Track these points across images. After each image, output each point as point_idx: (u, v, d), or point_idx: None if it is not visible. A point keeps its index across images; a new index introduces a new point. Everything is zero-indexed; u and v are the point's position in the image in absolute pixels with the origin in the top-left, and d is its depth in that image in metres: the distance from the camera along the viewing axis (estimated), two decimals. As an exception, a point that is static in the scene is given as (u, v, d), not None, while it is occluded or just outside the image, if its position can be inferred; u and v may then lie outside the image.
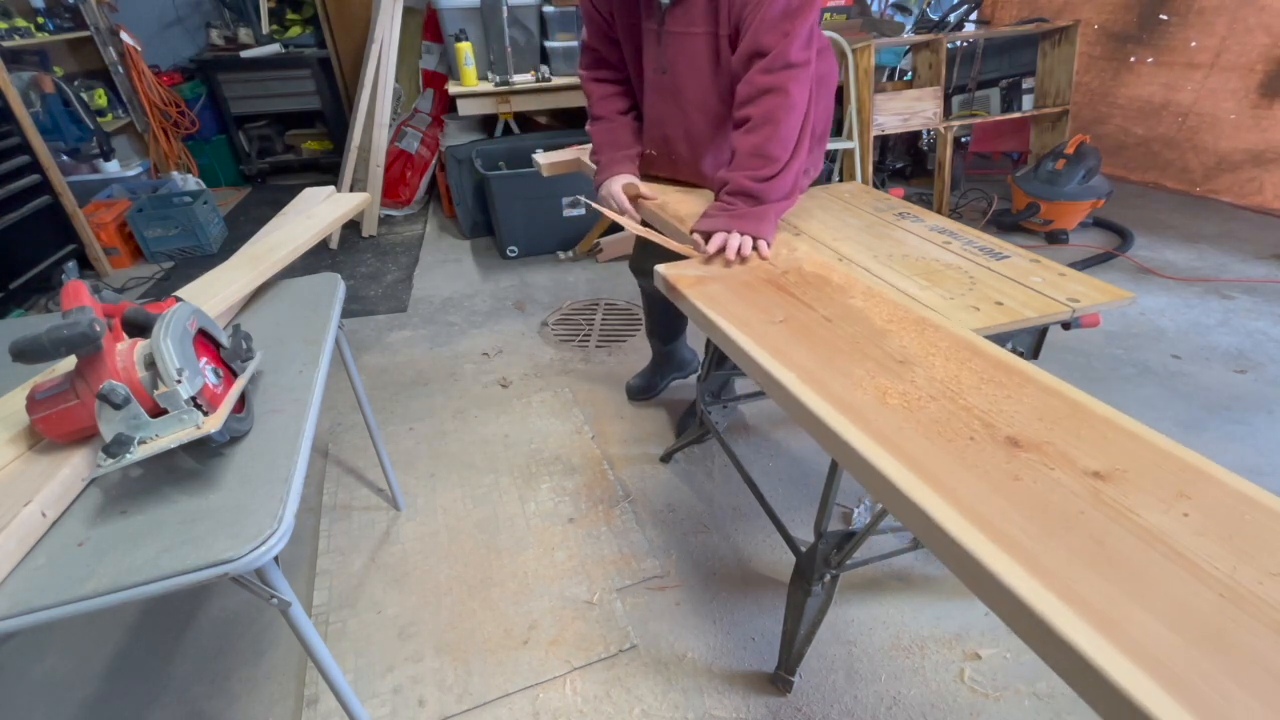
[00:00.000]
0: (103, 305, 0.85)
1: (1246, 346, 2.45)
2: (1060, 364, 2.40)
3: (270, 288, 1.37)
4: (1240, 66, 3.39)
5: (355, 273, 3.43)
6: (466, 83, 3.41)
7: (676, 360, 2.31)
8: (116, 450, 0.76)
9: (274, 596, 0.82)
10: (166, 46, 4.46)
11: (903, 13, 4.45)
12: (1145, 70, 3.79)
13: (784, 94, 1.29)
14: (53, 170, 3.22)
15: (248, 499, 0.81)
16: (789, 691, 1.38)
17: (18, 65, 3.50)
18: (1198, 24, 3.51)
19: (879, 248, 1.40)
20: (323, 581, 1.67)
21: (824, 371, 0.89)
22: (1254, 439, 2.01)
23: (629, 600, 1.60)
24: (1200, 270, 3.00)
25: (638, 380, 2.35)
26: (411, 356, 2.64)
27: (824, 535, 1.28)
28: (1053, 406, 0.80)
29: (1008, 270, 1.27)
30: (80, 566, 0.73)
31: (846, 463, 0.79)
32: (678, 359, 2.31)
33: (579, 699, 1.38)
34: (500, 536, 1.78)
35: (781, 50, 1.27)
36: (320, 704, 1.38)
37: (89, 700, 1.43)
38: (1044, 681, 1.37)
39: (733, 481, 1.94)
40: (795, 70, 1.29)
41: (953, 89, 4.02)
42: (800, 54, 1.29)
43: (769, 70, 1.29)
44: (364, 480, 2.01)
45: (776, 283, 1.16)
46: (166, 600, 1.63)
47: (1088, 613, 0.54)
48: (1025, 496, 0.67)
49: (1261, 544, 0.61)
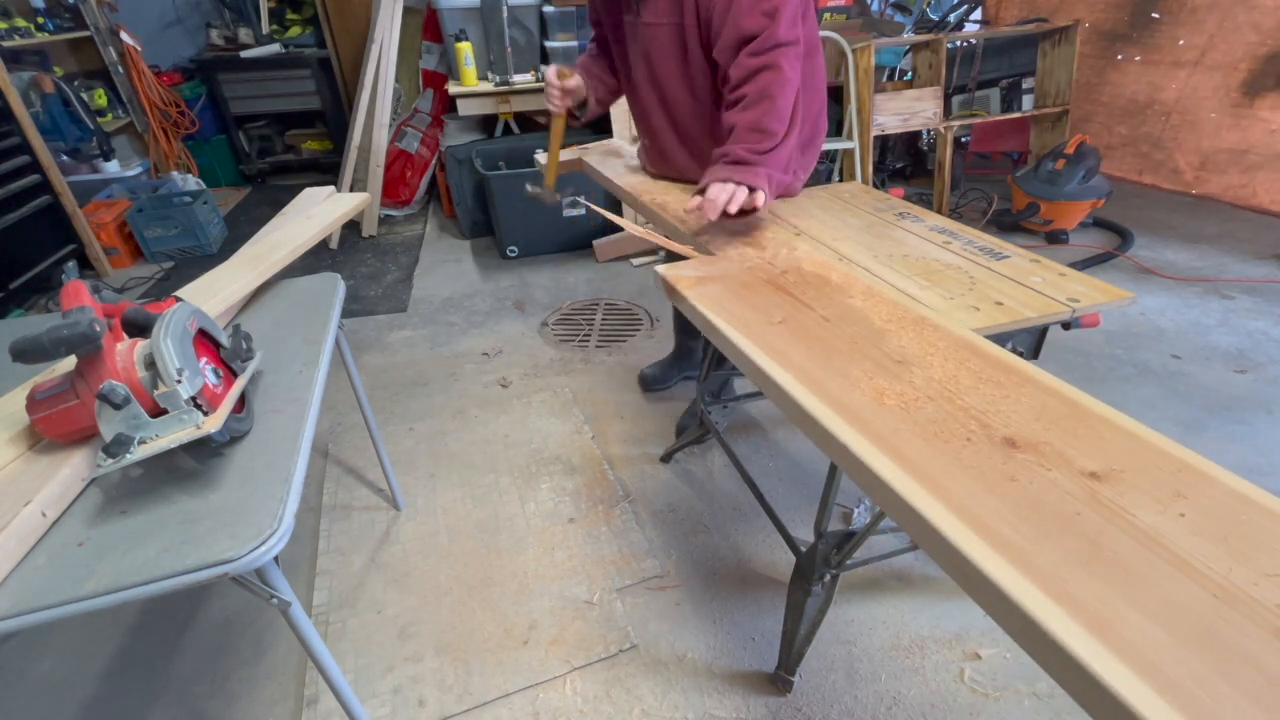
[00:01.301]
0: (103, 305, 0.85)
1: (1246, 346, 2.45)
2: (1060, 364, 2.40)
3: (270, 288, 1.37)
4: (1224, 65, 3.38)
5: (355, 273, 3.43)
6: (466, 83, 3.41)
7: (696, 358, 2.33)
8: (116, 450, 0.76)
9: (274, 596, 0.82)
10: (166, 46, 4.47)
11: (903, 13, 4.45)
12: (1132, 69, 3.78)
13: (777, 70, 1.30)
14: (53, 170, 3.22)
15: (248, 499, 0.82)
16: (789, 691, 1.38)
17: (18, 65, 3.50)
18: (1189, 22, 3.50)
19: (879, 248, 1.40)
20: (323, 581, 1.68)
21: (821, 372, 0.89)
22: (1254, 439, 2.01)
23: (629, 600, 1.60)
24: (1200, 270, 3.00)
25: (653, 370, 2.39)
26: (411, 356, 2.64)
27: (824, 535, 1.29)
28: (1050, 406, 0.80)
29: (1008, 270, 1.27)
30: (80, 566, 0.73)
31: (843, 464, 0.79)
32: (698, 356, 2.32)
33: (579, 699, 1.39)
34: (500, 536, 1.78)
35: (770, 32, 1.28)
36: (320, 704, 1.39)
37: (89, 700, 1.43)
38: (1044, 681, 1.38)
39: (733, 481, 1.94)
40: (786, 48, 1.30)
41: (953, 89, 4.02)
42: (789, 32, 1.30)
43: (759, 52, 1.30)
44: (364, 480, 2.02)
45: (776, 283, 1.16)
46: (166, 600, 1.63)
47: (1079, 613, 0.54)
48: (1021, 497, 0.67)
49: (1258, 545, 0.61)
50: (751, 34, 1.29)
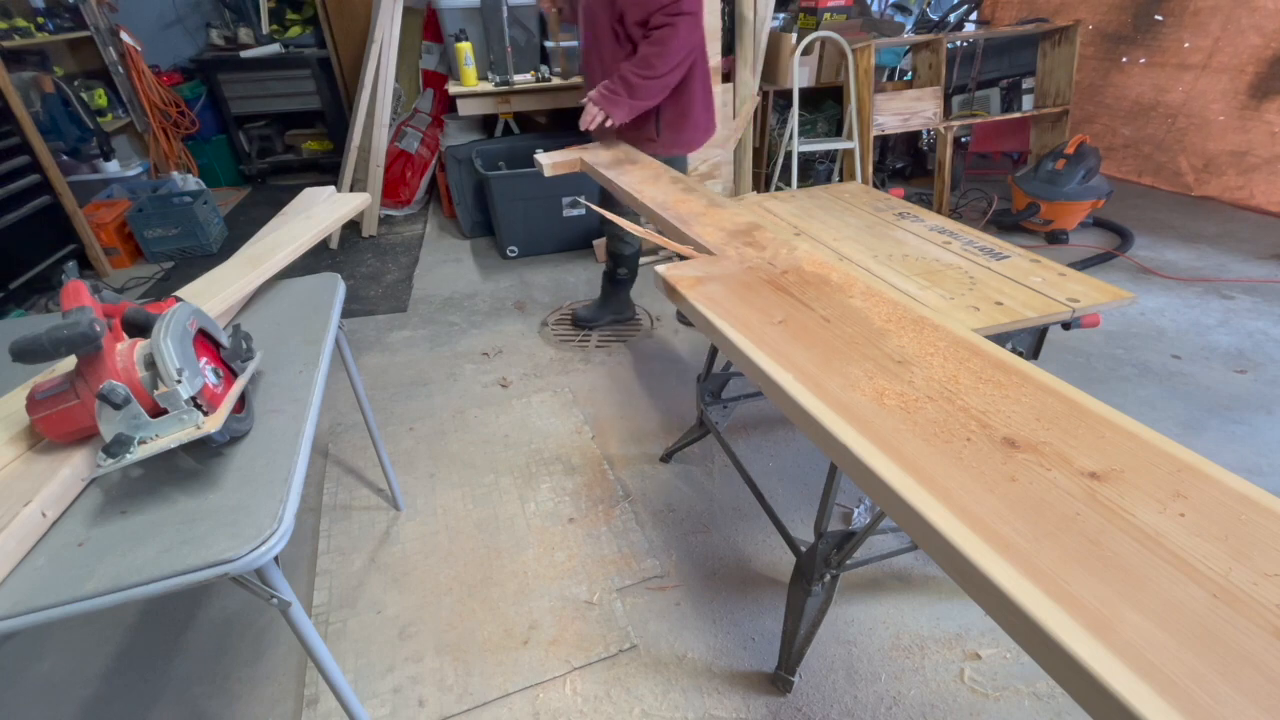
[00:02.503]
0: (103, 305, 0.85)
1: (1246, 346, 2.45)
2: (1060, 364, 2.40)
3: (270, 288, 1.37)
4: (1231, 67, 3.39)
5: (355, 273, 3.43)
6: (466, 83, 3.41)
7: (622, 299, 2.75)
8: (116, 450, 0.76)
9: (274, 596, 0.82)
10: (166, 46, 4.46)
11: (903, 13, 4.45)
12: (1136, 71, 3.79)
13: (674, 29, 1.87)
14: (53, 170, 3.22)
15: (248, 499, 0.82)
16: (789, 691, 1.38)
17: (18, 65, 3.50)
18: (1192, 25, 3.51)
19: (879, 248, 1.40)
20: (323, 581, 1.68)
21: (821, 372, 0.89)
22: (1254, 439, 2.01)
23: (629, 600, 1.60)
24: (1200, 270, 3.00)
25: (585, 311, 2.79)
26: (411, 356, 2.64)
27: (824, 535, 1.29)
28: (1050, 406, 0.80)
29: (1008, 270, 1.27)
30: (80, 566, 0.73)
31: (843, 464, 0.79)
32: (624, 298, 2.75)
33: (579, 699, 1.39)
34: (500, 536, 1.78)
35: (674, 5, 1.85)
36: (320, 704, 1.39)
37: (89, 700, 1.43)
38: (1044, 681, 1.38)
39: (733, 481, 1.94)
40: (685, 16, 1.86)
41: (953, 89, 4.03)
42: (691, 3, 1.86)
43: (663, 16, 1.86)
44: (364, 480, 2.02)
45: (776, 283, 1.16)
46: (166, 600, 1.63)
47: (1079, 613, 0.54)
48: (1021, 498, 0.67)
49: (1258, 545, 0.61)
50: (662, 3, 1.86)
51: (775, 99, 3.81)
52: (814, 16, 3.73)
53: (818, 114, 3.97)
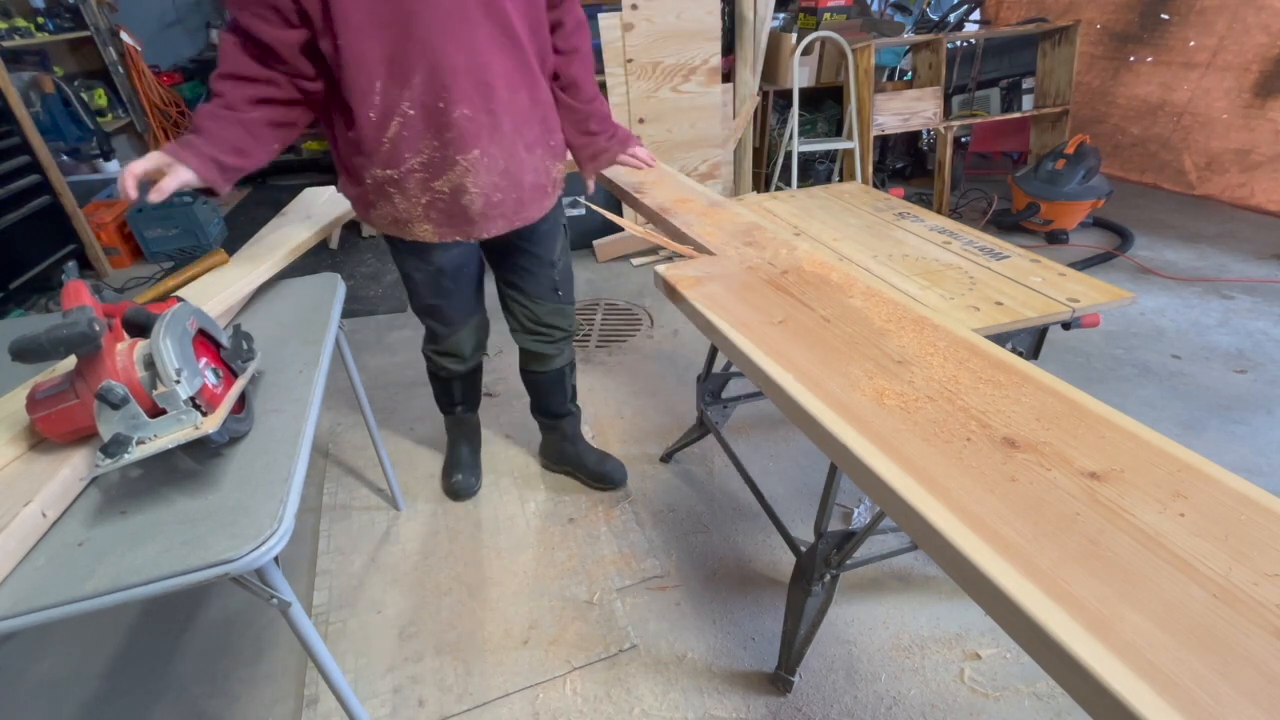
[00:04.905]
0: (103, 305, 0.85)
1: (1246, 346, 2.45)
2: (1060, 364, 2.40)
3: (270, 288, 1.37)
4: (1236, 66, 3.39)
5: (355, 273, 3.43)
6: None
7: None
8: (114, 450, 0.76)
9: (274, 596, 0.82)
10: (166, 46, 4.47)
11: (903, 13, 4.45)
12: (1144, 70, 3.79)
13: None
14: (53, 170, 3.22)
15: (247, 499, 0.82)
16: (789, 691, 1.38)
17: (18, 65, 3.51)
18: (1198, 23, 3.51)
19: (879, 248, 1.40)
20: (323, 581, 1.68)
21: (821, 372, 0.89)
22: (1254, 439, 2.01)
23: (629, 600, 1.60)
24: (1200, 270, 3.00)
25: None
26: (411, 356, 2.64)
27: (824, 535, 1.29)
28: (1050, 406, 0.80)
29: (1008, 270, 1.28)
30: (80, 566, 0.73)
31: (843, 464, 0.79)
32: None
33: (579, 699, 1.39)
34: (500, 536, 1.78)
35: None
36: (320, 704, 1.39)
37: (89, 700, 1.43)
38: (1044, 681, 1.38)
39: (733, 481, 1.94)
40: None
41: (953, 89, 4.03)
42: None
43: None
44: (364, 480, 2.02)
45: (776, 283, 1.16)
46: (166, 600, 1.63)
47: (1079, 614, 0.54)
48: (1021, 498, 0.67)
49: (1258, 545, 0.61)
50: None
51: (775, 99, 3.81)
52: (814, 16, 3.73)
53: (818, 114, 3.97)
